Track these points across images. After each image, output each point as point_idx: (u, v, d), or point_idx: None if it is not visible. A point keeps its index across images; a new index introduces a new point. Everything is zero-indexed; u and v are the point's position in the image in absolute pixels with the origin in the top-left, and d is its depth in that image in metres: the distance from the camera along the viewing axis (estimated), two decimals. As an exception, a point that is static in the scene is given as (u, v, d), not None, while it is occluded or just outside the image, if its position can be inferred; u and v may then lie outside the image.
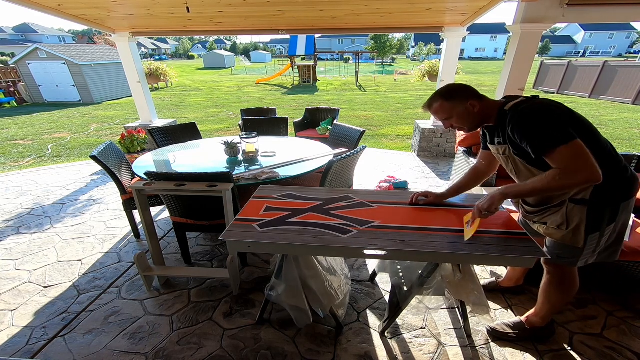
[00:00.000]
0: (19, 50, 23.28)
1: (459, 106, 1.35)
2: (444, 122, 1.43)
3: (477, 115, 1.37)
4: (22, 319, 1.94)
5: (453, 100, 1.36)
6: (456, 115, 1.37)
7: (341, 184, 2.44)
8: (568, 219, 1.33)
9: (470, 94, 1.36)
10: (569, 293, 1.52)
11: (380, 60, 38.89)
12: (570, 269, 1.46)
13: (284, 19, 4.03)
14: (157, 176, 1.98)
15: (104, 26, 4.31)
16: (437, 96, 1.39)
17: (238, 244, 1.40)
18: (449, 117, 1.39)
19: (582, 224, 1.31)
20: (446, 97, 1.37)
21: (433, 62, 5.52)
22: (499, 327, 1.75)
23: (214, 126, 7.96)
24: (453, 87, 1.40)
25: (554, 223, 1.38)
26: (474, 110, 1.35)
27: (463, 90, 1.37)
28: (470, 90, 1.37)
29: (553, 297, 1.55)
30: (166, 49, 67.93)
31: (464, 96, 1.35)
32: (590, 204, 1.28)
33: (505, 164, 1.46)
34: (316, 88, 16.04)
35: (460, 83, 1.42)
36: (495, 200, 1.33)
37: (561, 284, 1.50)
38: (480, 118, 1.38)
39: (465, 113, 1.36)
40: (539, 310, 1.64)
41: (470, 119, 1.38)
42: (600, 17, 3.01)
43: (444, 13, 3.77)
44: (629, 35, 50.82)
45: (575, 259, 1.39)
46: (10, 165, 5.08)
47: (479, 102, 1.35)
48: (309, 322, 1.63)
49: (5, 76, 12.65)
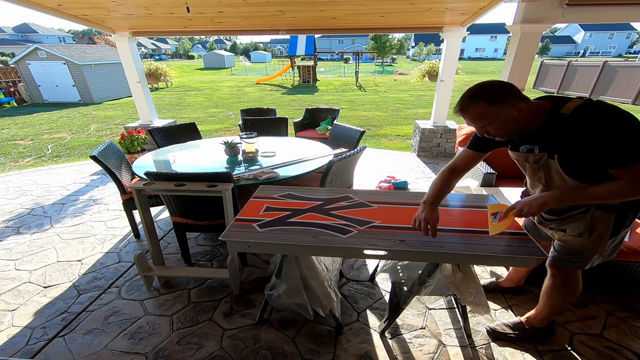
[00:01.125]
0: (19, 50, 23.30)
1: (505, 111, 1.14)
2: (480, 129, 1.24)
3: (522, 121, 1.17)
4: (22, 319, 1.94)
5: (499, 104, 1.14)
6: (500, 121, 1.16)
7: (341, 184, 2.44)
8: (592, 226, 1.26)
9: (518, 96, 1.15)
10: (572, 295, 1.49)
11: (380, 60, 38.90)
12: (576, 272, 1.43)
13: (284, 19, 4.03)
14: (157, 176, 1.98)
15: (104, 26, 4.31)
16: (478, 99, 1.16)
17: (238, 244, 1.40)
18: (489, 123, 1.19)
19: (608, 232, 1.25)
20: (491, 100, 1.14)
21: (433, 62, 5.53)
22: (498, 327, 1.75)
23: (214, 126, 7.96)
24: (497, 87, 1.16)
25: (574, 230, 1.31)
26: (520, 116, 1.15)
27: (509, 91, 1.15)
28: (516, 91, 1.16)
29: (556, 299, 1.53)
30: (166, 49, 67.94)
31: (512, 99, 1.14)
32: (618, 211, 1.22)
33: (534, 172, 1.32)
34: (316, 88, 16.04)
35: (502, 81, 1.19)
36: (547, 205, 1.20)
37: (565, 286, 1.47)
38: (525, 124, 1.19)
39: (511, 119, 1.16)
40: (540, 311, 1.62)
41: (515, 125, 1.18)
42: (600, 17, 3.01)
43: (444, 13, 3.77)
44: (629, 35, 50.83)
45: (585, 263, 1.37)
46: (10, 165, 5.08)
47: (526, 104, 1.15)
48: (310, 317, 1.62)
49: (5, 76, 12.65)
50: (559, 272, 1.45)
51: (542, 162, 1.25)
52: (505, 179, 2.61)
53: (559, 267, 1.44)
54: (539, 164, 1.27)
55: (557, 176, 1.24)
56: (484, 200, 1.72)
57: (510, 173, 2.61)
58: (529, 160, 1.29)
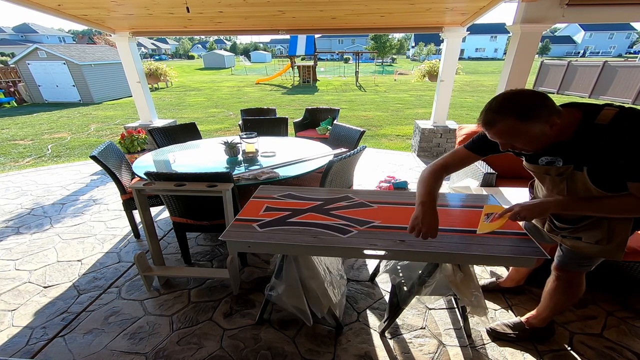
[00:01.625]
0: (19, 50, 23.30)
1: (536, 127, 1.02)
2: (504, 144, 1.12)
3: (552, 137, 1.07)
4: (22, 319, 1.94)
5: (530, 120, 1.01)
6: (529, 137, 1.05)
7: (341, 184, 2.44)
8: (610, 234, 1.23)
9: (552, 109, 1.02)
10: (575, 297, 1.49)
11: (380, 60, 38.90)
12: (581, 275, 1.43)
13: (284, 19, 4.03)
14: (157, 176, 1.98)
15: (103, 26, 4.31)
16: (506, 114, 1.03)
17: (238, 244, 1.40)
18: (516, 139, 1.08)
19: (625, 241, 1.24)
20: (522, 116, 1.01)
21: (433, 62, 5.52)
22: (498, 328, 1.75)
23: (214, 126, 7.96)
24: (529, 100, 1.02)
25: (591, 238, 1.27)
26: (551, 132, 1.04)
27: (542, 104, 1.01)
28: (550, 103, 1.02)
29: (559, 301, 1.53)
30: (166, 49, 67.94)
31: (546, 114, 1.01)
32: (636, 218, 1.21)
33: (554, 184, 1.24)
34: (316, 88, 16.04)
35: (534, 92, 1.04)
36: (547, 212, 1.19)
37: (569, 287, 1.47)
38: (555, 138, 1.09)
39: (540, 135, 1.04)
40: (541, 311, 1.62)
41: (544, 140, 1.07)
42: (600, 17, 3.01)
43: (444, 13, 3.77)
44: (628, 35, 50.84)
45: (592, 266, 1.38)
46: (10, 165, 5.08)
47: (559, 118, 1.03)
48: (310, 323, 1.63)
49: (5, 76, 12.65)
50: (565, 275, 1.45)
51: (567, 175, 1.17)
52: (505, 179, 2.61)
53: (566, 270, 1.43)
54: (562, 177, 1.19)
55: (583, 187, 1.16)
56: (484, 200, 1.72)
57: (510, 173, 2.61)
58: (550, 173, 1.21)
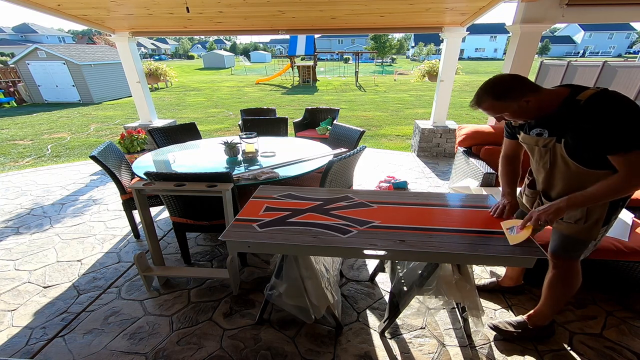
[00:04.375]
0: (18, 50, 23.26)
1: (512, 104, 1.26)
2: (497, 118, 1.37)
3: (534, 110, 1.28)
4: (21, 319, 1.94)
5: (506, 99, 1.26)
6: (510, 112, 1.30)
7: (341, 184, 2.44)
8: (588, 214, 1.34)
9: (525, 90, 1.24)
10: (573, 287, 1.54)
11: (380, 60, 38.89)
12: (575, 263, 1.50)
13: (283, 19, 4.03)
14: (156, 176, 1.98)
15: (103, 26, 4.31)
16: (486, 95, 1.29)
17: (238, 244, 1.40)
18: (500, 114, 1.32)
19: (601, 219, 1.34)
20: (497, 96, 1.26)
21: (433, 62, 5.52)
22: (501, 325, 1.76)
23: (214, 126, 7.96)
24: (504, 84, 1.27)
25: (571, 218, 1.39)
26: (529, 106, 1.26)
27: (516, 86, 1.25)
28: (524, 85, 1.25)
29: (558, 292, 1.57)
30: (166, 49, 67.90)
31: (517, 94, 1.24)
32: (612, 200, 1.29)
33: (540, 156, 1.39)
34: (316, 88, 16.04)
35: (512, 75, 1.28)
36: (562, 212, 1.29)
37: (567, 277, 1.53)
38: (537, 111, 1.29)
39: (520, 110, 1.28)
40: (543, 306, 1.65)
41: (526, 114, 1.30)
42: (600, 17, 3.01)
43: (443, 13, 3.77)
44: (628, 35, 50.85)
45: (580, 253, 1.46)
46: (10, 165, 5.08)
47: (534, 96, 1.24)
48: (311, 321, 1.62)
49: (5, 76, 12.64)
50: (559, 263, 1.51)
51: (550, 147, 1.32)
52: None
53: (558, 257, 1.50)
54: (547, 148, 1.34)
55: (562, 161, 1.31)
56: (484, 200, 1.72)
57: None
58: (539, 144, 1.36)
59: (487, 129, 2.98)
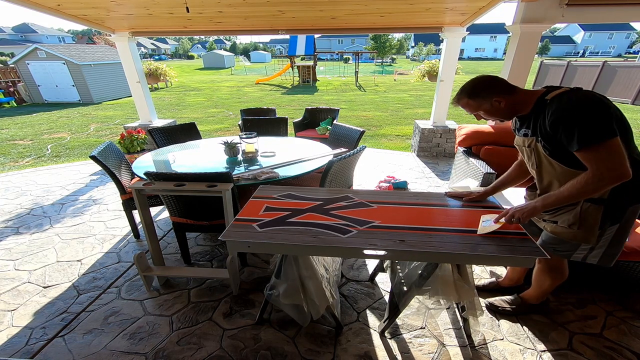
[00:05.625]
0: (18, 50, 23.24)
1: (485, 103, 1.36)
2: (475, 115, 1.45)
3: (505, 110, 1.36)
4: (21, 319, 1.94)
5: (478, 97, 1.36)
6: (483, 110, 1.39)
7: (341, 184, 2.44)
8: (582, 218, 1.35)
9: (496, 90, 1.34)
10: (559, 280, 1.63)
11: (380, 60, 38.88)
12: (560, 260, 1.55)
13: (283, 19, 4.03)
14: (156, 176, 1.97)
15: (103, 26, 4.31)
16: (463, 93, 1.40)
17: (238, 244, 1.40)
18: (476, 112, 1.41)
19: (597, 223, 1.34)
20: (470, 95, 1.37)
21: (433, 62, 5.53)
22: (496, 302, 1.88)
23: (214, 126, 7.96)
24: (478, 83, 1.38)
25: (564, 222, 1.40)
26: (501, 106, 1.34)
27: (488, 86, 1.35)
28: (496, 86, 1.35)
29: (544, 283, 1.68)
30: (166, 49, 67.88)
31: (489, 93, 1.34)
32: (605, 204, 1.30)
33: (528, 156, 1.45)
34: (316, 88, 16.04)
35: (488, 77, 1.38)
36: (537, 212, 1.34)
37: (551, 271, 1.62)
38: (509, 111, 1.38)
39: (492, 109, 1.36)
40: (532, 290, 1.80)
41: (498, 113, 1.38)
42: (600, 17, 3.01)
43: (443, 13, 3.77)
44: (628, 35, 50.87)
45: (570, 253, 1.47)
46: (10, 165, 5.08)
47: (505, 97, 1.33)
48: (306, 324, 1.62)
49: (4, 76, 12.63)
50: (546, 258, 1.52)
51: (533, 146, 1.38)
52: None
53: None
54: (531, 148, 1.39)
55: (546, 161, 1.36)
56: (484, 200, 1.71)
57: (510, 173, 2.60)
58: (525, 144, 1.41)
59: (487, 129, 2.97)
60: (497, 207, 1.62)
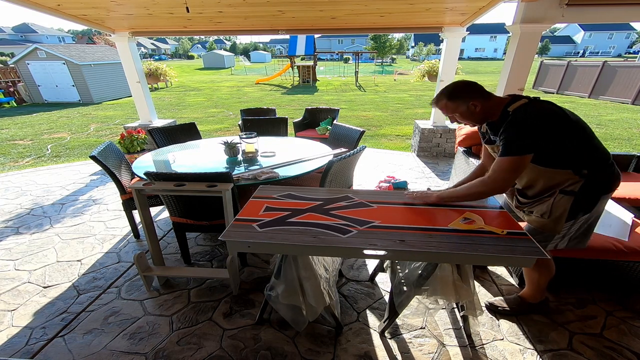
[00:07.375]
0: (18, 50, 23.23)
1: (462, 105, 1.43)
2: (450, 117, 1.52)
3: (479, 114, 1.44)
4: (21, 319, 1.94)
5: (456, 100, 1.43)
6: (459, 113, 1.46)
7: (341, 184, 2.44)
8: (552, 208, 1.45)
9: (474, 94, 1.42)
10: (546, 274, 1.70)
11: (380, 60, 38.89)
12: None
13: (283, 19, 4.03)
14: (156, 176, 1.97)
15: (103, 26, 4.31)
16: (442, 95, 1.47)
17: (238, 244, 1.40)
18: (452, 114, 1.49)
19: (565, 214, 1.44)
20: (449, 97, 1.45)
21: (433, 62, 5.52)
22: (496, 302, 1.89)
23: (214, 126, 7.96)
24: (458, 86, 1.45)
25: (538, 212, 1.51)
26: (476, 110, 1.43)
27: (466, 90, 1.43)
28: (474, 90, 1.43)
29: (533, 276, 1.74)
30: (166, 49, 67.87)
31: (467, 96, 1.42)
32: (576, 196, 1.40)
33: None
34: (316, 88, 16.04)
35: (467, 81, 1.46)
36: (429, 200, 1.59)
37: (537, 266, 1.67)
38: (482, 116, 1.46)
39: (468, 112, 1.44)
40: (528, 290, 1.84)
41: (473, 117, 1.46)
42: (600, 17, 3.01)
43: (443, 13, 3.77)
44: (628, 35, 50.87)
45: (546, 243, 1.56)
46: (10, 165, 5.08)
47: (481, 102, 1.41)
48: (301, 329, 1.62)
49: (4, 76, 12.63)
50: None
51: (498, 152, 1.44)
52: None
53: None
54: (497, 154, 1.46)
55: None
56: (483, 200, 1.71)
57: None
58: (494, 150, 1.51)
59: (487, 129, 2.97)
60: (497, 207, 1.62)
